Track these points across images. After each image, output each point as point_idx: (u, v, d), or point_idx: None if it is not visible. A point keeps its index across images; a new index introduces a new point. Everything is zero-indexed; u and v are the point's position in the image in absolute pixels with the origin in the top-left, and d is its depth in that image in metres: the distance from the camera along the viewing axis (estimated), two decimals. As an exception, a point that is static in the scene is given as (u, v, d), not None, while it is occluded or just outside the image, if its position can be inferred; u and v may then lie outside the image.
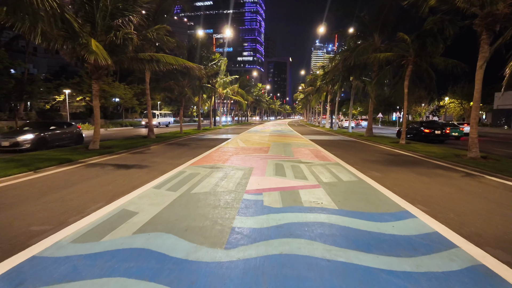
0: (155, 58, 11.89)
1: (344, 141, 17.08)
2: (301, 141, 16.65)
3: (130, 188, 5.65)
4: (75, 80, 29.77)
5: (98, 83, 11.81)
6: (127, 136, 19.99)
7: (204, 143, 15.19)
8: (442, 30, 13.54)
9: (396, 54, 15.01)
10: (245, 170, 7.51)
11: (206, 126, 34.25)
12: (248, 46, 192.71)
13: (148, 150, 12.17)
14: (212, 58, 27.03)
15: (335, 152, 11.60)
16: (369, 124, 20.86)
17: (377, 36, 19.62)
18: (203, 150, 11.77)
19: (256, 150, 11.80)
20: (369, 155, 10.89)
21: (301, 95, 64.99)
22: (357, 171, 7.48)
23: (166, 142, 15.24)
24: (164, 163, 8.71)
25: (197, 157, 9.91)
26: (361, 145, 14.89)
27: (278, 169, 7.60)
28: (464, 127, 26.75)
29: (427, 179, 6.72)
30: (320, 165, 8.40)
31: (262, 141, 16.23)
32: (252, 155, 10.29)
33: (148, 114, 17.62)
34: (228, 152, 11.17)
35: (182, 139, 17.74)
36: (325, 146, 13.98)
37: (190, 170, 7.51)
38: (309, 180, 6.33)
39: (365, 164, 8.78)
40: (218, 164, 8.35)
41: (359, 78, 23.92)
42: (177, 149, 12.48)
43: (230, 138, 18.44)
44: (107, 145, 13.00)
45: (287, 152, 11.21)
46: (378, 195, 5.27)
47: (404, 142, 15.18)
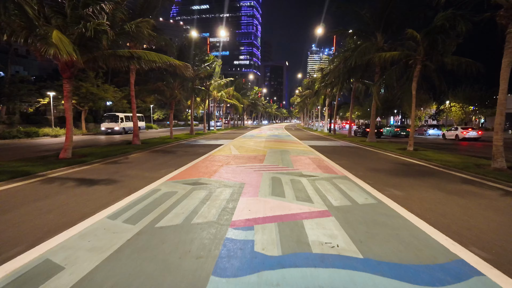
0: (136, 55, 10.49)
1: (347, 148, 15.75)
2: (300, 147, 15.29)
3: (77, 217, 4.22)
4: (61, 82, 28.13)
5: (70, 82, 10.38)
6: (111, 142, 18.48)
7: (194, 150, 13.76)
8: (454, 27, 12.37)
9: (403, 53, 13.79)
10: (235, 187, 6.10)
11: (200, 131, 32.81)
12: (245, 50, 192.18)
13: (127, 159, 10.71)
14: (205, 59, 25.68)
15: (339, 161, 10.24)
16: (371, 129, 19.59)
17: (380, 35, 18.45)
18: (190, 159, 10.35)
19: (250, 159, 10.40)
20: (379, 165, 9.54)
21: (298, 99, 63.85)
22: (371, 188, 6.11)
23: (151, 149, 13.79)
24: (138, 177, 7.27)
25: (181, 168, 8.48)
26: (366, 152, 13.56)
27: (275, 186, 6.20)
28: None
29: (461, 201, 5.37)
30: (325, 179, 7.02)
31: (257, 147, 14.84)
32: (245, 166, 8.89)
33: (133, 118, 16.17)
34: (218, 162, 9.75)
35: (170, 145, 16.28)
36: (327, 153, 12.63)
37: (166, 187, 6.09)
38: (315, 203, 4.94)
39: (377, 177, 7.42)
40: (203, 179, 6.93)
41: (360, 80, 22.76)
42: (161, 157, 11.03)
43: (223, 144, 17.02)
44: (83, 153, 11.54)
45: (285, 162, 9.83)
46: (411, 228, 3.89)
47: (412, 149, 13.90)
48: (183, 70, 11.59)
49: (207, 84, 30.93)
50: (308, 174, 7.64)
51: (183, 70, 11.58)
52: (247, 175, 7.43)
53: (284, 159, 10.39)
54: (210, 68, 28.63)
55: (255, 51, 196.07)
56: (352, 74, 20.28)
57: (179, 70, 11.72)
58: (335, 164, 9.52)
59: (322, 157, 11.34)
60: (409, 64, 14.01)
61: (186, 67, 11.55)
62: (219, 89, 36.06)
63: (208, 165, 9.02)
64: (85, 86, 28.30)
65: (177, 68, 11.53)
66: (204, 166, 8.92)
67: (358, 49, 16.64)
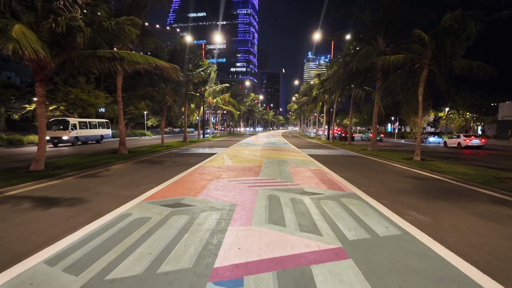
0: (118, 56, 9.44)
1: (349, 157, 14.73)
2: (299, 156, 14.23)
3: (4, 261, 3.09)
4: (48, 88, 26.98)
5: (43, 86, 9.25)
6: (97, 150, 17.28)
7: (183, 160, 12.64)
8: (463, 28, 11.56)
9: (409, 56, 12.91)
10: (224, 210, 5.00)
11: (194, 138, 31.69)
12: (242, 57, 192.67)
13: (107, 171, 9.56)
14: (199, 64, 24.76)
15: (344, 173, 9.19)
16: (373, 137, 18.63)
17: (382, 40, 17.67)
18: (177, 172, 9.23)
19: (245, 171, 9.31)
20: (389, 179, 8.49)
21: (295, 106, 63.14)
22: (389, 211, 5.04)
23: (136, 159, 12.64)
24: (110, 195, 6.13)
25: (164, 183, 7.36)
26: (370, 163, 12.54)
27: (273, 208, 5.11)
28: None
29: (506, 230, 4.32)
30: (332, 198, 5.95)
31: (253, 156, 13.76)
32: (238, 180, 7.79)
33: (119, 125, 15.03)
34: (208, 175, 8.64)
35: (159, 154, 15.14)
36: (329, 164, 11.58)
37: (139, 211, 4.97)
38: (325, 236, 3.86)
39: (392, 195, 6.36)
40: (187, 198, 5.81)
41: (361, 86, 21.93)
42: (145, 169, 9.89)
43: (216, 153, 15.92)
44: (59, 164, 10.38)
45: (284, 174, 8.74)
46: (460, 279, 2.82)
47: (420, 159, 12.92)
48: (171, 73, 10.55)
49: (202, 90, 29.97)
50: (311, 191, 6.56)
51: (171, 73, 10.54)
52: (240, 192, 6.33)
53: (282, 171, 9.31)
54: (205, 74, 27.73)
55: (252, 59, 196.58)
56: (352, 80, 19.41)
57: (166, 73, 10.68)
58: (339, 177, 8.46)
59: (324, 168, 10.28)
60: (415, 68, 13.14)
61: (174, 69, 10.51)
62: (214, 95, 35.13)
63: (196, 179, 7.90)
64: (74, 92, 27.16)
65: (165, 70, 10.49)
66: (191, 180, 7.81)
67: (359, 53, 15.78)
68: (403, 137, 44.29)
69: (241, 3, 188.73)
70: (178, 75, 10.88)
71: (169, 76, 10.94)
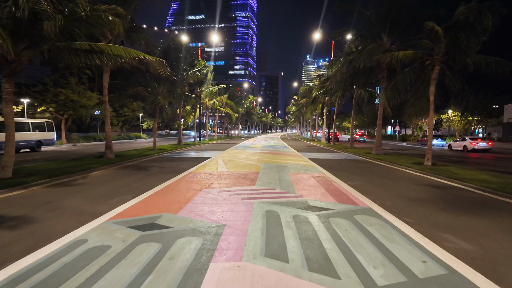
0: (97, 49, 8.36)
1: (353, 162, 13.65)
2: (300, 161, 13.14)
3: None
4: (37, 88, 25.89)
5: (10, 82, 8.17)
6: (82, 154, 16.13)
7: (173, 165, 11.52)
8: (479, 21, 10.57)
9: (419, 53, 11.89)
10: (208, 234, 3.89)
11: (190, 141, 30.55)
12: (240, 60, 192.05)
13: (84, 178, 8.43)
14: (194, 63, 23.71)
15: (351, 181, 8.09)
16: (377, 140, 17.57)
17: (386, 37, 16.68)
18: (163, 179, 8.11)
19: (240, 179, 8.20)
20: (405, 188, 7.40)
21: (294, 108, 62.18)
22: (419, 236, 3.95)
23: (121, 164, 11.51)
24: (72, 211, 5.01)
25: (143, 194, 6.24)
26: (378, 168, 11.46)
27: (272, 232, 4.01)
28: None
29: None
30: (344, 215, 4.85)
31: (250, 161, 12.66)
32: (231, 190, 6.67)
33: (106, 127, 13.89)
34: (197, 183, 7.53)
35: (148, 158, 14.01)
36: (333, 170, 10.49)
37: (99, 235, 3.85)
38: (343, 279, 2.75)
39: (415, 210, 5.27)
40: (165, 216, 4.70)
41: (363, 86, 20.93)
42: (127, 176, 8.76)
43: (210, 157, 14.81)
44: (31, 170, 9.25)
45: (284, 183, 7.64)
46: None
47: (431, 164, 11.87)
48: (158, 68, 9.46)
49: (198, 91, 28.90)
50: (317, 205, 5.46)
51: (157, 68, 9.46)
52: (231, 207, 5.22)
53: (282, 179, 8.20)
54: (201, 74, 26.69)
55: (251, 61, 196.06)
56: (355, 80, 18.39)
57: (153, 68, 9.59)
58: (348, 186, 7.36)
59: (328, 175, 9.18)
60: (425, 65, 12.13)
61: (160, 64, 9.43)
62: (211, 97, 34.06)
63: (182, 189, 6.79)
64: (65, 92, 25.99)
65: (151, 65, 9.41)
66: (176, 190, 6.69)
67: (365, 49, 14.77)
68: (405, 140, 43.31)
69: (239, 6, 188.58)
70: (165, 70, 9.79)
71: (156, 72, 9.85)
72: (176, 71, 18.95)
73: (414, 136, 43.02)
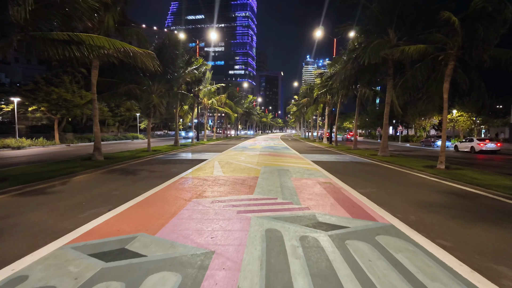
0: (76, 39, 7.46)
1: (360, 165, 12.73)
2: (302, 164, 12.22)
3: None
4: (29, 87, 24.97)
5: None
6: (72, 156, 15.21)
7: (164, 168, 10.59)
8: (498, 12, 9.68)
9: (432, 47, 10.98)
10: (189, 268, 2.96)
11: (187, 142, 29.61)
12: (240, 60, 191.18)
13: (62, 185, 7.50)
14: (191, 61, 22.79)
15: (363, 188, 7.17)
16: (384, 141, 16.64)
17: (392, 32, 15.76)
18: (148, 186, 7.18)
19: (236, 185, 7.28)
20: (425, 197, 6.48)
21: (294, 108, 61.22)
22: (466, 269, 3.03)
23: (108, 168, 10.59)
24: (31, 229, 4.08)
25: (122, 206, 5.31)
26: (388, 173, 10.54)
27: (273, 264, 3.08)
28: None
29: None
30: (363, 235, 3.91)
31: (248, 164, 11.74)
32: (225, 200, 5.75)
33: (94, 127, 12.95)
34: (186, 191, 6.60)
35: (140, 161, 13.08)
36: (340, 174, 9.56)
37: (47, 268, 2.93)
38: None
39: (447, 228, 4.34)
40: (140, 237, 3.77)
41: (368, 85, 20.01)
42: (109, 182, 7.83)
43: (207, 159, 13.88)
44: (7, 174, 8.35)
45: (287, 190, 6.72)
46: None
47: (444, 167, 10.96)
48: (146, 61, 8.56)
49: (196, 90, 27.99)
50: (328, 221, 4.53)
51: (145, 61, 8.55)
52: (224, 225, 4.29)
53: (284, 186, 7.27)
54: (199, 73, 25.78)
55: (250, 61, 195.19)
56: (359, 78, 17.46)
57: (141, 62, 8.67)
58: (359, 195, 6.44)
59: (335, 180, 8.26)
60: (438, 60, 11.22)
61: (148, 56, 8.53)
62: (209, 96, 33.15)
63: (168, 199, 5.86)
64: (57, 91, 25.05)
65: (138, 58, 8.49)
66: (161, 200, 5.76)
67: (371, 45, 13.86)
68: (408, 141, 42.38)
69: (239, 5, 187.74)
70: (154, 64, 8.88)
71: (144, 66, 8.92)
72: (171, 69, 18.03)
73: (417, 137, 42.10)
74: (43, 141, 24.58)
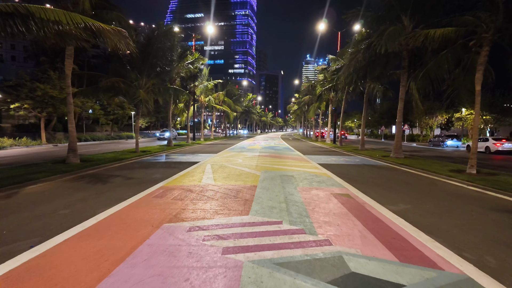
0: (23, 11, 5.77)
1: (375, 169, 11.05)
2: (308, 167, 10.54)
3: None
4: (11, 83, 23.28)
5: None
6: (47, 158, 13.53)
7: (146, 173, 8.90)
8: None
9: (463, 29, 9.30)
10: None
11: (183, 142, 27.91)
12: (240, 59, 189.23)
13: (5, 198, 5.82)
14: (185, 54, 21.10)
15: (393, 204, 5.49)
16: (397, 141, 14.94)
17: (407, 20, 14.05)
18: (114, 201, 5.50)
19: (228, 199, 5.60)
20: (484, 219, 4.79)
21: (295, 106, 59.49)
22: None
23: (80, 173, 8.90)
24: None
25: (54, 239, 3.63)
26: (413, 179, 8.86)
27: None
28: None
29: None
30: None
31: (246, 168, 10.06)
32: (209, 227, 4.07)
33: (69, 125, 11.27)
34: (160, 209, 4.92)
35: (121, 164, 11.40)
36: (356, 182, 7.87)
37: None
38: None
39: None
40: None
41: (377, 79, 18.32)
42: (68, 195, 6.13)
43: (199, 161, 12.20)
44: None
45: (294, 208, 5.04)
46: None
47: (475, 172, 9.30)
48: (116, 40, 6.86)
49: (191, 86, 26.30)
50: (365, 271, 2.85)
51: (115, 41, 6.86)
52: (198, 284, 2.62)
53: (290, 200, 5.59)
54: (194, 68, 24.09)
55: (250, 60, 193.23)
56: (369, 71, 15.75)
57: (110, 42, 6.98)
58: (392, 214, 4.76)
59: (353, 191, 6.58)
60: (470, 45, 9.54)
61: (118, 34, 6.82)
62: (206, 94, 31.43)
63: (129, 223, 4.18)
64: (42, 88, 23.33)
65: (107, 38, 6.80)
66: (118, 227, 4.08)
67: (386, 32, 12.18)
68: (413, 140, 40.68)
69: (239, 4, 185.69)
70: (128, 44, 7.18)
71: (115, 48, 7.22)
72: (162, 61, 16.34)
73: (423, 136, 40.39)
74: (26, 141, 22.87)
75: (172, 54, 17.86)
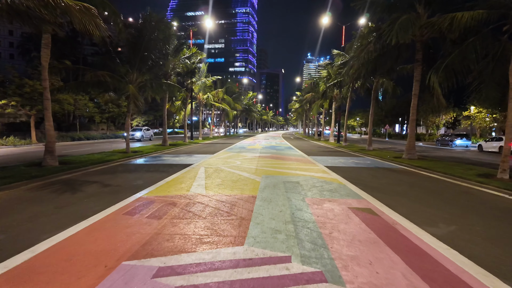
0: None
1: (392, 173, 9.80)
2: (315, 171, 9.30)
3: None
4: (-1, 79, 22.08)
5: None
6: (30, 158, 12.31)
7: (128, 179, 7.67)
8: None
9: (496, 12, 8.03)
10: None
11: (180, 141, 26.68)
12: (240, 57, 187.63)
13: None
14: (182, 48, 19.84)
15: (431, 224, 4.25)
16: (410, 141, 13.69)
17: (422, 8, 12.81)
18: (74, 219, 4.27)
19: (218, 218, 4.37)
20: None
21: (297, 104, 58.15)
22: None
23: (52, 178, 7.68)
24: None
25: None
26: (439, 187, 7.62)
27: None
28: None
29: None
30: None
31: (244, 171, 8.83)
32: (186, 270, 2.84)
33: (46, 123, 10.05)
34: (125, 236, 3.69)
35: (105, 166, 10.17)
36: (376, 191, 6.62)
37: None
38: None
39: None
40: None
41: (387, 74, 17.04)
42: (23, 209, 4.90)
43: (192, 164, 10.98)
44: None
45: (305, 233, 3.81)
46: None
47: (509, 177, 8.08)
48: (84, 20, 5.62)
49: (188, 83, 25.04)
50: None
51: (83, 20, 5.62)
52: None
53: (298, 220, 4.36)
54: (191, 63, 22.83)
55: (251, 58, 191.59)
56: (379, 65, 14.49)
57: (78, 22, 5.74)
58: (437, 242, 3.53)
59: (375, 204, 5.34)
60: (503, 31, 8.28)
61: (86, 12, 5.57)
62: (205, 91, 30.18)
63: (73, 262, 2.95)
64: (31, 84, 22.11)
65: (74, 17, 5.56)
66: (56, 268, 2.85)
67: (398, 21, 10.93)
68: (419, 139, 39.37)
69: (240, 1, 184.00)
70: (98, 26, 5.94)
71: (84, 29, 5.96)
72: (154, 54, 15.10)
73: (429, 135, 39.08)
74: (14, 140, 21.67)
75: (166, 47, 16.62)
